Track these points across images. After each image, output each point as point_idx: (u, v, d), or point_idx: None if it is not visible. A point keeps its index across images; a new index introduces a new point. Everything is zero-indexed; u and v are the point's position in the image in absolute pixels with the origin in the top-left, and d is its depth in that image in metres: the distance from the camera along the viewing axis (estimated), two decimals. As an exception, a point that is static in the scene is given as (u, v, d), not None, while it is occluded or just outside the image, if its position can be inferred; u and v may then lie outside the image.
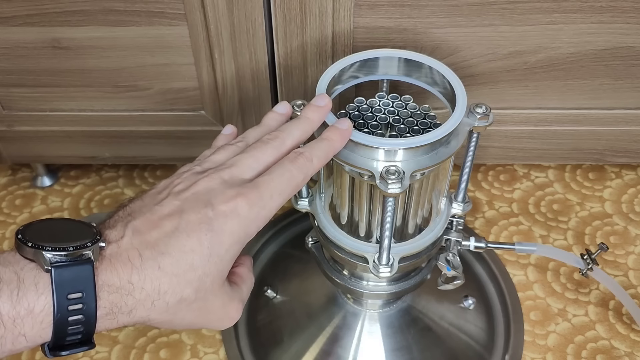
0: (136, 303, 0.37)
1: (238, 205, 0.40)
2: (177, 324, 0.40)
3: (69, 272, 0.35)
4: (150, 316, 0.38)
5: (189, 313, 0.39)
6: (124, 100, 0.70)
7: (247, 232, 0.40)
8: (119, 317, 0.37)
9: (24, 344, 0.34)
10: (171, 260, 0.38)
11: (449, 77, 0.49)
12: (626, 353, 0.68)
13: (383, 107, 0.51)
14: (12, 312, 0.33)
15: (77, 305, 0.34)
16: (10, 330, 0.33)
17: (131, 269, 0.37)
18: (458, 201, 0.57)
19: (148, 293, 0.37)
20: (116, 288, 0.36)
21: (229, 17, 0.60)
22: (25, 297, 0.34)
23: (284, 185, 0.42)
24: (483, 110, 0.49)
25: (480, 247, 0.61)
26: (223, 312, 0.42)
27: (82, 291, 0.35)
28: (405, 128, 0.50)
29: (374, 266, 0.51)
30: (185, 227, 0.39)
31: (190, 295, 0.38)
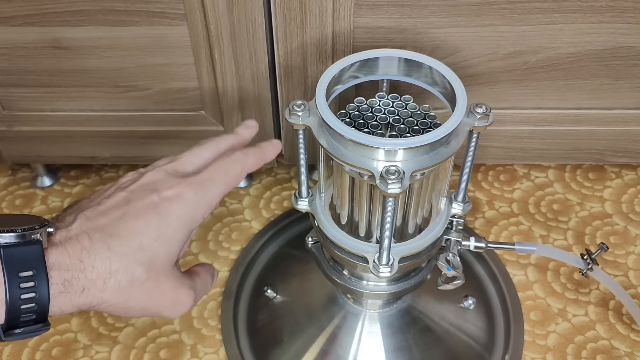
0: (88, 282, 0.38)
1: (182, 190, 0.43)
2: (131, 308, 0.41)
3: (19, 251, 0.36)
4: (103, 297, 0.39)
5: (141, 294, 0.40)
6: (124, 100, 0.70)
7: (194, 215, 0.43)
8: (72, 297, 0.37)
9: None
10: (120, 240, 0.39)
11: (449, 77, 0.49)
12: (626, 353, 0.68)
13: (383, 107, 0.51)
14: None
15: (28, 283, 0.35)
16: None
17: (81, 249, 0.38)
18: (458, 201, 0.57)
19: (99, 272, 0.38)
20: (67, 267, 0.37)
21: (229, 17, 0.60)
22: None
23: (222, 174, 0.45)
24: (483, 110, 0.49)
25: (480, 247, 0.61)
26: (175, 296, 0.43)
27: (32, 269, 0.35)
28: (405, 128, 0.50)
29: (374, 266, 0.51)
30: (132, 212, 0.41)
31: (141, 274, 0.40)
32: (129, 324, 0.72)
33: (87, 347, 0.70)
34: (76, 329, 0.71)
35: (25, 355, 0.69)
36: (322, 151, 0.51)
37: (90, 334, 0.71)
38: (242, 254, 0.77)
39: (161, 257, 0.41)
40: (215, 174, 0.45)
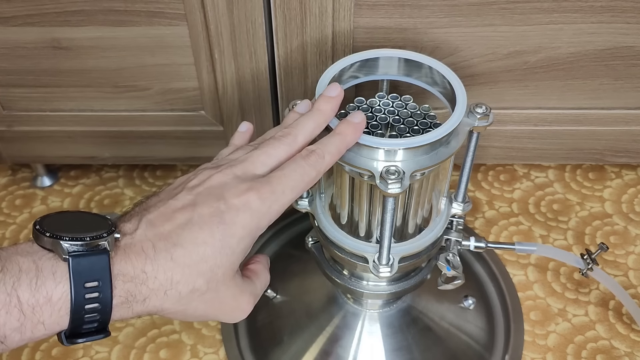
0: (150, 292, 0.37)
1: (250, 199, 0.40)
2: (190, 315, 0.41)
3: (86, 262, 0.36)
4: (163, 306, 0.39)
5: (201, 304, 0.40)
6: (124, 100, 0.70)
7: (259, 225, 0.41)
8: (133, 306, 0.37)
9: (42, 332, 0.35)
10: (183, 251, 0.38)
11: (448, 77, 0.49)
12: (626, 353, 0.68)
13: (383, 107, 0.51)
14: (31, 300, 0.34)
15: (93, 294, 0.35)
16: (29, 319, 0.34)
17: (145, 259, 0.38)
18: (458, 201, 0.57)
19: (161, 282, 0.38)
20: (131, 277, 0.37)
21: (229, 17, 0.60)
22: (44, 285, 0.34)
23: (296, 181, 0.42)
24: (483, 110, 0.49)
25: (480, 247, 0.61)
26: (234, 304, 0.42)
27: (98, 280, 0.35)
28: (405, 128, 0.50)
29: (374, 266, 0.51)
30: (198, 220, 0.39)
31: (202, 285, 0.39)
32: (129, 324, 0.72)
33: (87, 347, 0.70)
34: (76, 329, 0.71)
35: (25, 355, 0.69)
36: None
37: (90, 334, 0.71)
38: (242, 254, 0.77)
39: (223, 268, 0.40)
40: (287, 183, 0.42)
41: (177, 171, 0.87)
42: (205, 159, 0.78)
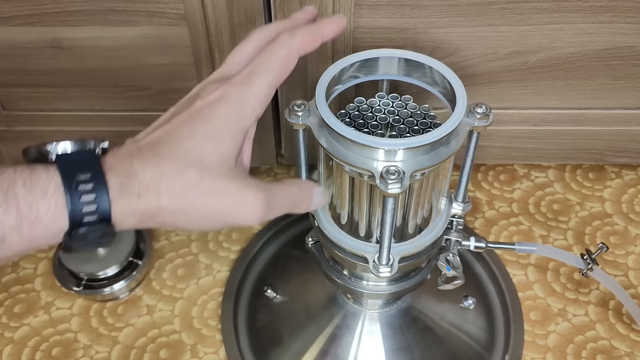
0: (142, 188, 0.37)
1: (225, 91, 0.41)
2: (194, 215, 0.39)
3: (74, 156, 0.37)
4: (160, 203, 0.38)
5: (199, 198, 0.39)
6: (124, 100, 0.70)
7: (241, 112, 0.41)
8: (130, 201, 0.37)
9: (41, 231, 0.35)
10: (167, 147, 0.39)
11: (448, 77, 0.49)
12: (626, 353, 0.68)
13: (383, 107, 0.51)
14: (28, 197, 0.34)
15: (87, 185, 0.35)
16: (27, 217, 0.34)
17: (132, 157, 0.38)
18: (458, 201, 0.57)
19: (151, 176, 0.37)
20: (120, 170, 0.37)
21: (229, 17, 0.60)
22: (37, 182, 0.35)
23: (266, 62, 0.42)
24: (483, 110, 0.49)
25: (480, 247, 0.61)
26: (238, 195, 0.40)
27: (89, 171, 0.36)
28: (405, 128, 0.50)
29: (374, 266, 0.51)
30: (177, 123, 0.40)
31: (193, 175, 0.38)
32: (129, 323, 0.72)
33: (87, 347, 0.70)
34: (76, 329, 0.71)
35: (25, 355, 0.69)
36: (322, 151, 0.51)
37: (90, 334, 0.71)
38: (242, 254, 0.77)
39: (213, 157, 0.39)
40: (258, 65, 0.42)
41: (177, 171, 0.87)
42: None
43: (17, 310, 0.73)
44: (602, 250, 0.64)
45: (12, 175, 0.35)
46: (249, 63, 0.42)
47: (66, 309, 0.73)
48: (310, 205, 0.47)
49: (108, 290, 0.72)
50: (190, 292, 0.74)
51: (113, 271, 0.72)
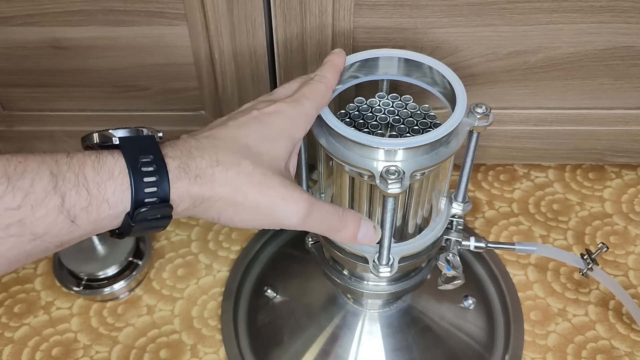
0: (199, 171, 0.39)
1: (279, 107, 0.44)
2: (241, 205, 0.40)
3: (136, 140, 0.39)
4: (214, 188, 0.39)
5: (250, 187, 0.40)
6: (124, 100, 0.70)
7: (294, 126, 0.44)
8: (188, 185, 0.39)
9: (107, 212, 0.37)
10: (225, 142, 0.41)
11: (448, 77, 0.49)
12: (626, 353, 0.68)
13: (383, 107, 0.51)
14: (96, 178, 0.36)
15: (149, 167, 0.37)
16: (95, 197, 0.36)
17: (190, 145, 0.40)
18: (458, 201, 0.57)
19: (208, 162, 0.39)
20: (179, 156, 0.39)
21: (229, 17, 0.60)
22: (105, 164, 0.37)
23: (311, 92, 0.46)
24: (483, 110, 0.49)
25: (480, 247, 0.61)
26: (283, 190, 0.41)
27: (150, 154, 0.38)
28: (405, 128, 0.50)
29: (374, 266, 0.51)
30: (234, 126, 0.43)
31: (248, 165, 0.40)
32: (129, 323, 0.72)
33: (87, 347, 0.70)
34: (76, 329, 0.71)
35: (25, 355, 0.69)
36: (322, 151, 0.51)
37: (90, 334, 0.71)
38: (242, 254, 0.77)
39: (267, 156, 0.42)
40: (304, 92, 0.46)
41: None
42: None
43: (17, 310, 0.73)
44: (602, 250, 0.64)
45: (82, 158, 0.37)
46: (294, 92, 0.47)
47: (66, 309, 0.73)
48: (357, 235, 0.46)
49: (108, 290, 0.72)
50: (190, 292, 0.74)
51: (113, 271, 0.72)
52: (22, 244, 0.35)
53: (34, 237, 0.35)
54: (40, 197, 0.34)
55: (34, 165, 0.36)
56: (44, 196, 0.35)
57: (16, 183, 0.34)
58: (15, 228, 0.34)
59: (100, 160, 0.37)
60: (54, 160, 0.36)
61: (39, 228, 0.35)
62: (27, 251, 0.35)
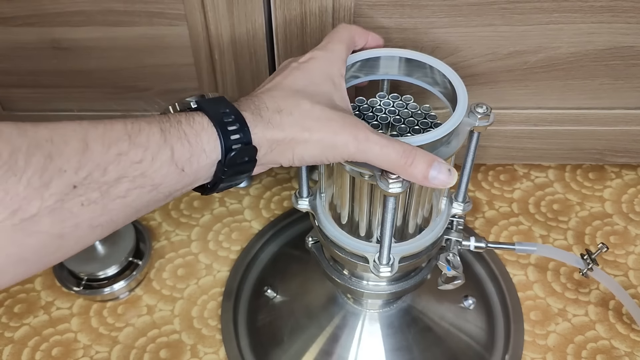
0: (268, 115, 0.43)
1: (312, 54, 0.48)
2: (308, 139, 0.43)
3: (210, 100, 0.43)
4: (284, 129, 0.43)
5: (314, 122, 0.44)
6: (124, 100, 0.70)
7: (331, 67, 0.48)
8: (263, 129, 0.42)
9: (205, 160, 0.40)
10: (279, 91, 0.45)
11: (449, 77, 0.49)
12: (626, 353, 0.68)
13: (384, 106, 0.51)
14: (192, 132, 0.40)
15: (229, 117, 0.41)
16: (195, 147, 0.40)
17: (251, 99, 0.44)
18: (458, 201, 0.57)
19: (272, 110, 0.43)
20: (247, 108, 0.43)
21: (229, 17, 0.60)
22: (195, 120, 0.41)
23: (337, 36, 0.50)
24: (484, 110, 0.49)
25: (480, 247, 0.61)
26: (342, 122, 0.44)
27: (227, 108, 0.42)
28: (405, 128, 0.50)
29: (375, 266, 0.51)
30: (280, 78, 0.47)
31: (306, 104, 0.44)
32: (129, 323, 0.72)
33: (87, 347, 0.70)
34: (76, 329, 0.71)
35: (25, 355, 0.69)
36: None
37: (90, 334, 0.71)
38: (242, 254, 0.77)
39: (318, 96, 0.45)
40: (331, 38, 0.50)
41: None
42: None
43: (17, 310, 0.73)
44: (602, 250, 0.64)
45: (177, 117, 0.40)
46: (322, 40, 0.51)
47: (66, 309, 0.73)
48: (428, 175, 0.44)
49: (108, 290, 0.72)
50: (190, 292, 0.74)
51: (113, 271, 0.72)
52: (143, 195, 0.39)
53: (153, 187, 0.39)
54: (155, 151, 0.38)
55: (145, 124, 0.39)
56: (157, 150, 0.38)
57: (135, 139, 0.38)
58: (140, 180, 0.38)
59: (190, 117, 0.41)
60: (158, 119, 0.40)
61: (156, 179, 0.39)
62: (146, 201, 0.39)
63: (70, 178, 0.35)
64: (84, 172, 0.36)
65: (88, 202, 0.36)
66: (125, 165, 0.37)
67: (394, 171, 0.44)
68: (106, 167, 0.37)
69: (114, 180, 0.37)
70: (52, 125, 0.37)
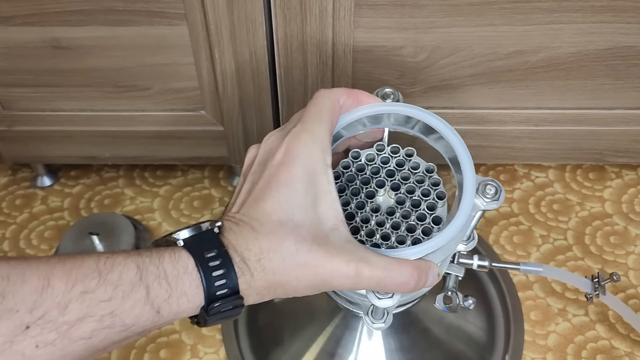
0: (251, 264, 0.39)
1: (290, 146, 0.41)
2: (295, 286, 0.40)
3: (198, 237, 0.40)
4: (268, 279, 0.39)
5: (298, 270, 0.40)
6: (124, 100, 0.70)
7: (314, 160, 0.41)
8: (251, 279, 0.39)
9: (185, 304, 0.38)
10: (259, 224, 0.40)
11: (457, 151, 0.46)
12: (626, 353, 0.68)
13: (381, 165, 0.48)
14: (174, 272, 0.37)
15: (215, 261, 0.38)
16: (174, 289, 0.37)
17: (236, 235, 0.40)
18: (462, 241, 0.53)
19: (255, 254, 0.39)
20: (233, 247, 0.39)
21: (229, 16, 0.60)
22: (180, 259, 0.38)
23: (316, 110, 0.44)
24: (493, 192, 0.45)
25: (483, 266, 0.58)
26: (332, 267, 0.40)
27: (214, 249, 0.39)
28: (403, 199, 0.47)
29: (368, 320, 0.48)
30: (258, 194, 0.41)
31: (289, 247, 0.39)
32: (129, 323, 0.72)
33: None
34: (76, 329, 0.71)
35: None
36: None
37: (90, 334, 0.71)
38: (242, 253, 0.77)
39: (303, 227, 0.40)
40: (309, 113, 0.43)
41: (178, 171, 0.87)
42: (205, 158, 0.78)
43: (17, 310, 0.73)
44: (613, 279, 0.62)
45: (161, 252, 0.38)
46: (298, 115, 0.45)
47: (66, 308, 0.73)
48: (422, 286, 0.43)
49: (108, 290, 0.72)
50: (190, 292, 0.74)
51: (113, 271, 0.72)
52: (113, 335, 0.36)
53: (124, 328, 0.36)
54: (128, 289, 0.36)
55: (121, 259, 0.37)
56: (131, 288, 0.36)
57: (107, 276, 0.36)
58: (108, 320, 0.35)
59: (175, 254, 0.38)
60: (138, 253, 0.38)
61: (128, 319, 0.36)
62: (115, 341, 0.36)
63: (23, 318, 0.33)
64: (40, 312, 0.34)
65: (44, 343, 0.34)
66: (91, 304, 0.35)
67: (396, 291, 0.42)
68: (67, 305, 0.34)
69: (75, 320, 0.34)
70: (14, 262, 0.35)
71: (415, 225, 0.46)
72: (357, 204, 0.47)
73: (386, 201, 0.48)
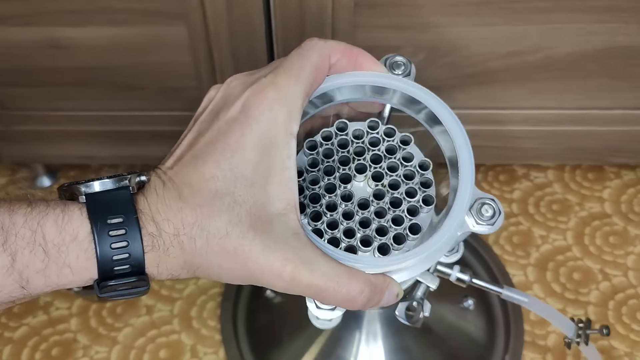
0: (169, 236, 0.32)
1: (249, 101, 0.34)
2: (218, 273, 0.34)
3: (106, 196, 0.32)
4: (187, 261, 0.33)
5: (223, 258, 0.33)
6: (123, 100, 0.70)
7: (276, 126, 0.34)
8: (163, 249, 0.32)
9: (69, 277, 0.31)
10: (191, 190, 0.32)
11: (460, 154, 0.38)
12: (626, 353, 0.68)
13: (368, 146, 0.40)
14: (57, 239, 0.30)
15: (118, 230, 0.31)
16: (54, 260, 0.30)
17: (158, 199, 0.33)
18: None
19: (175, 226, 0.32)
20: (150, 214, 0.32)
21: (228, 16, 0.60)
22: (70, 222, 0.31)
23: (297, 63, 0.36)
24: (489, 215, 0.37)
25: (463, 280, 0.53)
26: (265, 262, 0.33)
27: (121, 214, 0.31)
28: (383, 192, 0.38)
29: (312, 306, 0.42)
30: (200, 151, 0.34)
31: (219, 229, 0.32)
32: (129, 324, 0.72)
33: (87, 347, 0.70)
34: (76, 329, 0.71)
35: (25, 355, 0.69)
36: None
37: (90, 334, 0.71)
38: (241, 254, 0.77)
39: (243, 205, 0.32)
40: (288, 65, 0.35)
41: (177, 172, 0.87)
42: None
43: (17, 310, 0.73)
44: (602, 334, 0.56)
45: (43, 210, 0.31)
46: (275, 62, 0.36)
47: (65, 309, 0.73)
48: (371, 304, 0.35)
49: (107, 291, 0.71)
50: (189, 293, 0.74)
51: (112, 271, 0.72)
52: None
53: None
54: None
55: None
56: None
57: None
58: None
59: (65, 216, 0.31)
60: (10, 209, 0.31)
61: None
62: None
63: None
64: None
65: None
66: None
67: (340, 307, 0.36)
68: None
69: None
70: None
71: (388, 228, 0.38)
72: (327, 185, 0.38)
73: (362, 190, 0.39)
